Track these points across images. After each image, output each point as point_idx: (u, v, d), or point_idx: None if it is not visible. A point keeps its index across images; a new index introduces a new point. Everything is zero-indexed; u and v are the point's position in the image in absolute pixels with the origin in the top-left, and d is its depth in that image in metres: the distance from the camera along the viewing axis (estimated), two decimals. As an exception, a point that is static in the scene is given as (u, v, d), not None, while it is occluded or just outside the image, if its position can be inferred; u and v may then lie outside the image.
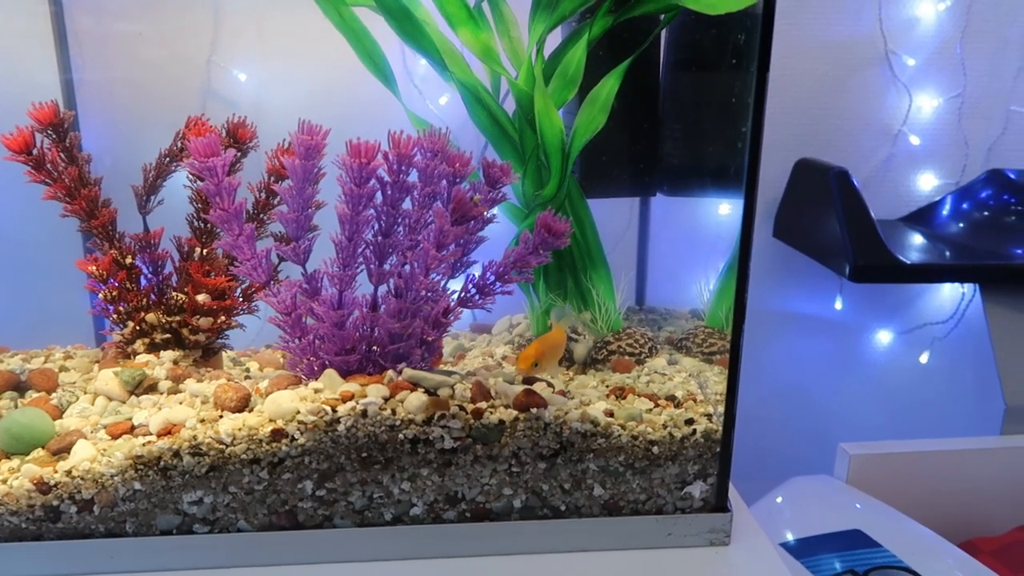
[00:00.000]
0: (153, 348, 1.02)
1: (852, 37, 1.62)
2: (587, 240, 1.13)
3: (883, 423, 1.84)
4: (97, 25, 1.33)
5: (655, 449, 0.90)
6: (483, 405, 0.89)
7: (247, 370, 1.09)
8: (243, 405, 0.90)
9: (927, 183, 1.71)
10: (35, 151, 0.94)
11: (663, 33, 1.13)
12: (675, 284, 1.36)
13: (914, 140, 1.68)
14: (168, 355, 1.00)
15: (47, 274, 1.34)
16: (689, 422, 0.91)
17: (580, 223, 1.12)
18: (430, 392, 0.89)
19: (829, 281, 1.76)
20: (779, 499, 1.49)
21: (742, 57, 1.01)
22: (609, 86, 1.00)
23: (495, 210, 0.93)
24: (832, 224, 1.53)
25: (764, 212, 1.69)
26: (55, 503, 0.85)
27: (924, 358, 1.82)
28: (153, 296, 1.02)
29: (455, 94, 1.37)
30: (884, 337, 1.82)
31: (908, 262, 1.49)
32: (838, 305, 1.78)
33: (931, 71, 1.64)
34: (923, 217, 1.73)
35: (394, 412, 0.87)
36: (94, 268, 0.99)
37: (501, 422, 0.88)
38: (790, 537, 1.35)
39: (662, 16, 1.05)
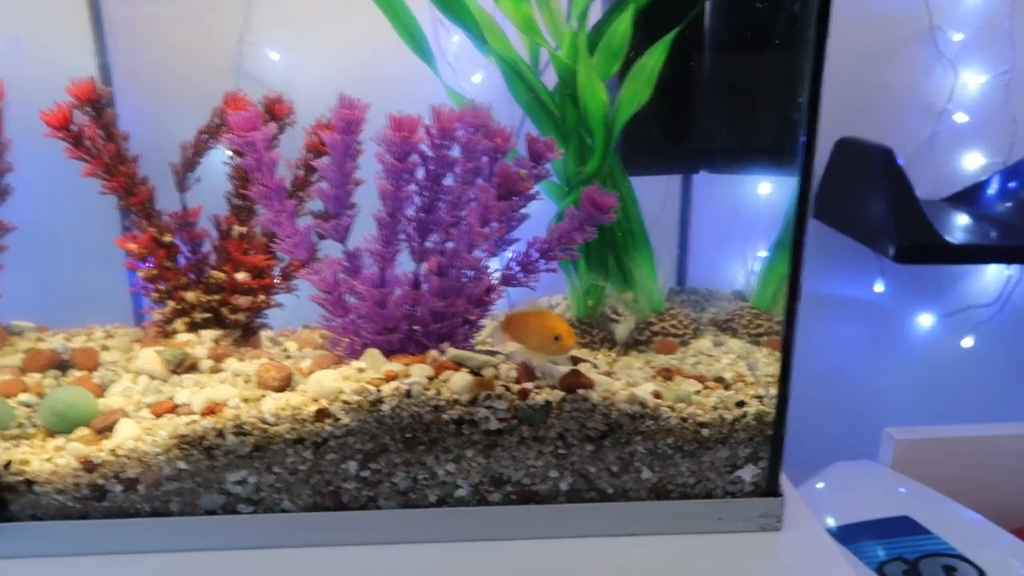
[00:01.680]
0: (193, 327, 1.01)
1: (895, 11, 1.57)
2: (629, 218, 1.10)
3: (924, 408, 1.80)
4: (129, 7, 1.32)
5: (705, 431, 0.88)
6: (528, 385, 0.87)
7: (286, 350, 1.08)
8: (285, 384, 0.89)
9: (973, 162, 1.66)
10: (74, 127, 0.93)
11: (708, 3, 1.09)
12: (716, 264, 1.33)
13: (960, 118, 1.63)
14: (208, 334, 1.00)
15: (81, 253, 1.34)
16: (740, 404, 0.89)
17: (622, 201, 1.09)
18: (474, 372, 0.88)
19: (869, 263, 1.71)
20: (820, 485, 1.46)
21: (794, 28, 0.97)
22: (655, 58, 0.97)
23: (537, 187, 0.91)
24: (875, 204, 1.49)
25: (803, 192, 1.65)
26: (100, 482, 0.85)
27: (967, 342, 1.77)
28: (192, 275, 1.01)
29: (489, 71, 1.35)
30: (926, 320, 1.77)
31: (954, 242, 1.45)
32: (879, 287, 1.74)
33: (977, 46, 1.58)
34: (969, 197, 1.68)
35: (438, 392, 0.86)
36: (133, 246, 0.98)
37: (547, 403, 0.86)
38: (832, 523, 1.33)
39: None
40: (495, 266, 0.94)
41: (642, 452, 0.88)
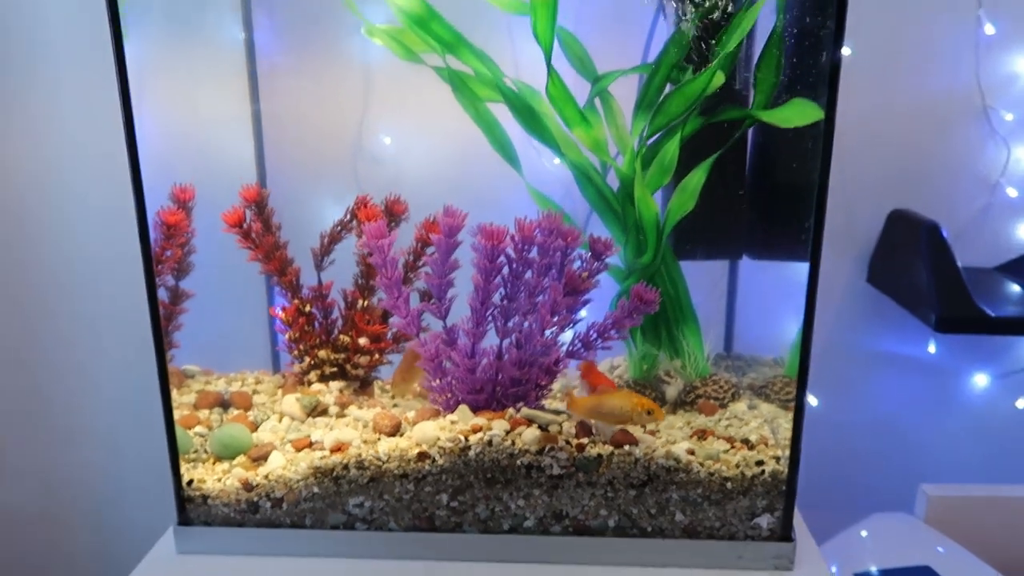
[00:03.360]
0: (323, 379, 1.28)
1: (950, 91, 1.64)
2: (679, 297, 1.31)
3: (976, 467, 1.83)
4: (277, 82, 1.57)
5: (728, 485, 1.07)
6: (585, 440, 1.09)
7: (393, 398, 1.34)
8: (395, 430, 1.14)
9: (1027, 232, 1.74)
10: (244, 225, 1.22)
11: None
12: (760, 334, 1.51)
13: (1011, 192, 1.72)
14: (335, 385, 1.26)
15: (232, 311, 1.62)
16: (759, 463, 1.08)
17: (674, 283, 1.30)
18: (542, 428, 1.10)
19: (922, 326, 1.81)
20: (864, 533, 1.58)
21: (811, 152, 1.14)
22: (697, 177, 1.18)
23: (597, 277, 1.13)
24: (921, 275, 1.60)
25: (859, 257, 1.76)
26: (255, 499, 1.11)
27: (1023, 403, 1.84)
28: (324, 337, 1.28)
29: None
30: (980, 381, 1.84)
31: (994, 315, 1.56)
32: (932, 349, 1.83)
33: (1029, 126, 1.67)
34: (1020, 267, 1.77)
35: (513, 443, 1.08)
36: (282, 314, 1.26)
37: (599, 455, 1.08)
38: (857, 569, 1.45)
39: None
40: (564, 339, 1.16)
41: (676, 499, 1.08)
